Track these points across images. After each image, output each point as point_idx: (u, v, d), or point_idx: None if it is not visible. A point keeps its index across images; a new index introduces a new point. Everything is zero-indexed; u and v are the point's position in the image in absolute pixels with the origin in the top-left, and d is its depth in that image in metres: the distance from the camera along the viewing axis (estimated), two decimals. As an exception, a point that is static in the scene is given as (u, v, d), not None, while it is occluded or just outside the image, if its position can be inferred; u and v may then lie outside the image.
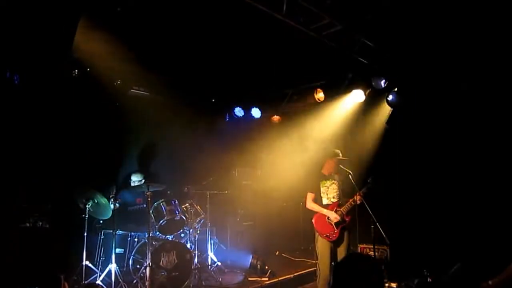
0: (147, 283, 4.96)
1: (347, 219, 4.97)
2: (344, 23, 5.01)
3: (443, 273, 5.61)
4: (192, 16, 5.07)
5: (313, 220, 5.05)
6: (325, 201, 5.08)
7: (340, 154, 5.17)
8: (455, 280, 5.30)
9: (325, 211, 4.98)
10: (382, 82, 6.54)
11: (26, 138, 5.58)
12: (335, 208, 5.00)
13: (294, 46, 5.81)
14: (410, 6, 5.00)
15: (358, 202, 4.89)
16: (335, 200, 5.06)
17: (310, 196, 5.12)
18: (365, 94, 6.90)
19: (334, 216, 4.91)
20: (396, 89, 6.67)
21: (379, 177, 5.23)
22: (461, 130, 6.47)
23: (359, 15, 5.10)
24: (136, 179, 6.29)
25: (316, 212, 5.05)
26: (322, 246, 4.99)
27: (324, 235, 4.95)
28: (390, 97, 6.71)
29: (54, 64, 5.49)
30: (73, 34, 5.04)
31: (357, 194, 4.89)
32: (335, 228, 4.91)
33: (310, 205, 5.11)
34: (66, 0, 4.57)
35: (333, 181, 5.14)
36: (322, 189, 5.10)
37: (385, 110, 7.16)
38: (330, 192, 5.09)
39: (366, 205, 4.88)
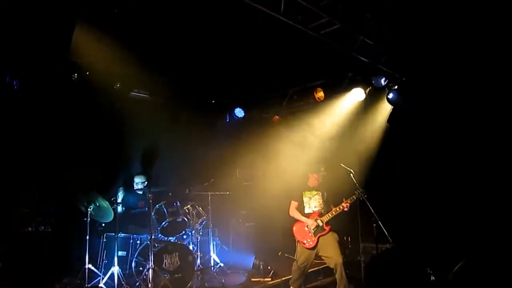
0: (150, 286, 4.96)
1: (326, 228, 5.16)
2: (343, 22, 4.99)
3: (447, 270, 5.61)
4: (190, 17, 5.06)
5: (293, 228, 5.33)
6: (307, 210, 5.34)
7: (322, 169, 5.41)
8: (459, 277, 5.30)
9: (303, 219, 5.25)
10: (382, 80, 6.52)
11: (27, 142, 5.59)
12: (315, 217, 5.21)
13: (293, 45, 5.79)
14: (409, 3, 4.98)
15: (346, 209, 5.09)
16: (316, 209, 5.29)
17: (293, 204, 5.43)
18: (365, 92, 6.89)
19: (311, 223, 5.18)
20: (396, 87, 6.66)
21: (379, 177, 5.29)
22: (462, 128, 6.45)
23: (357, 13, 5.09)
24: (139, 181, 6.30)
25: (297, 220, 5.32)
26: (299, 251, 5.28)
27: (302, 242, 5.22)
28: (391, 95, 6.70)
29: (53, 69, 5.49)
30: (71, 38, 5.05)
31: (344, 201, 5.11)
32: (313, 237, 5.16)
33: (292, 212, 5.40)
34: (64, 3, 4.56)
35: (317, 192, 5.36)
36: (305, 199, 5.36)
37: (385, 108, 7.15)
38: (312, 202, 5.34)
39: (368, 204, 4.91)
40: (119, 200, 6.02)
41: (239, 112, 7.84)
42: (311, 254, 5.23)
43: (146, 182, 6.29)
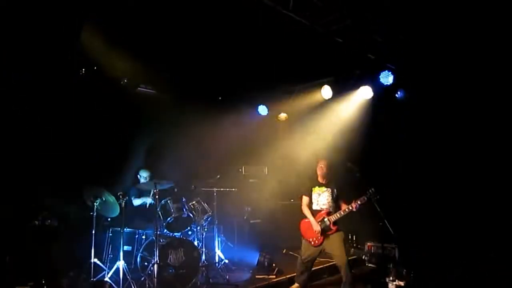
0: (154, 280, 4.97)
1: (333, 228, 5.13)
2: (352, 19, 4.95)
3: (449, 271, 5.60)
4: (198, 13, 5.05)
5: (300, 224, 5.36)
6: (315, 207, 5.32)
7: (325, 161, 5.36)
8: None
9: (311, 220, 5.22)
10: (390, 79, 6.47)
11: (34, 137, 5.62)
12: (323, 216, 5.20)
13: (301, 43, 5.76)
14: (419, 2, 4.93)
15: (354, 209, 5.02)
16: (324, 207, 5.26)
17: (304, 199, 5.41)
18: (372, 90, 6.84)
19: (315, 226, 5.15)
20: (404, 86, 6.60)
21: (382, 183, 5.28)
22: (469, 128, 6.39)
23: (367, 11, 5.04)
24: (145, 175, 6.31)
25: (306, 217, 5.33)
26: (304, 247, 5.31)
27: (307, 240, 5.24)
28: (398, 94, 6.64)
29: (61, 63, 5.51)
30: (80, 33, 5.06)
31: (353, 201, 5.04)
32: (319, 235, 5.15)
33: (303, 209, 5.39)
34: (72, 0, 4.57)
35: (327, 189, 5.32)
36: (314, 195, 5.34)
37: (393, 106, 7.10)
38: (321, 199, 5.30)
39: (376, 204, 4.88)
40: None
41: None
42: (315, 251, 5.26)
43: (150, 177, 6.29)
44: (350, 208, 5.03)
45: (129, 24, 5.12)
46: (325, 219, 5.15)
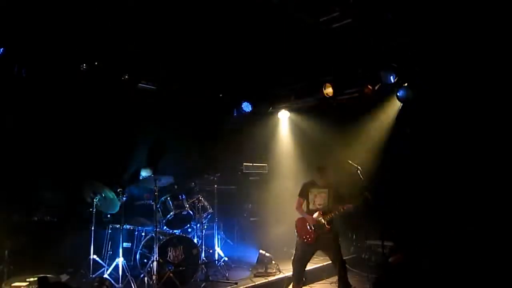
0: (154, 278, 4.96)
1: (327, 227, 5.15)
2: (355, 16, 4.91)
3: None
4: (199, 11, 5.01)
5: (296, 222, 5.38)
6: (311, 207, 5.38)
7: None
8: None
9: (305, 216, 5.28)
10: (392, 77, 6.43)
11: (35, 133, 5.60)
12: (318, 215, 5.22)
13: (303, 40, 5.72)
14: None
15: (349, 210, 5.08)
16: (320, 207, 5.29)
17: (298, 200, 5.45)
18: (374, 88, 6.80)
19: (311, 220, 5.21)
20: (406, 84, 6.57)
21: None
22: (473, 127, 6.36)
23: (370, 8, 5.00)
24: (145, 174, 6.29)
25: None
26: (298, 245, 5.34)
27: (301, 237, 5.26)
28: (400, 92, 6.61)
29: (61, 58, 5.48)
30: (81, 29, 5.03)
31: (348, 202, 5.09)
32: (313, 234, 5.19)
33: (297, 209, 5.43)
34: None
35: (324, 190, 5.36)
36: (310, 196, 5.38)
37: (394, 105, 7.08)
38: (317, 199, 5.36)
39: (375, 204, 4.88)
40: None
41: (246, 107, 7.77)
42: (309, 250, 5.28)
43: (152, 176, 6.27)
44: (345, 208, 5.06)
45: (131, 20, 5.08)
46: (320, 218, 5.18)
